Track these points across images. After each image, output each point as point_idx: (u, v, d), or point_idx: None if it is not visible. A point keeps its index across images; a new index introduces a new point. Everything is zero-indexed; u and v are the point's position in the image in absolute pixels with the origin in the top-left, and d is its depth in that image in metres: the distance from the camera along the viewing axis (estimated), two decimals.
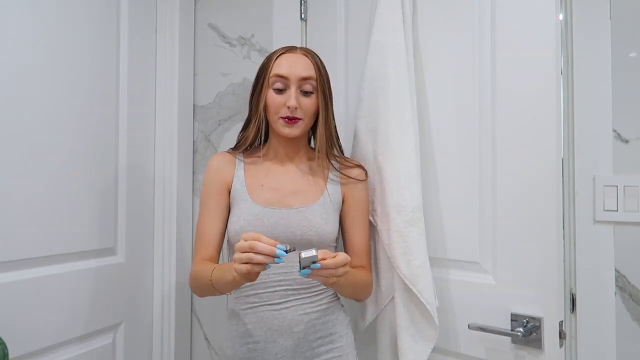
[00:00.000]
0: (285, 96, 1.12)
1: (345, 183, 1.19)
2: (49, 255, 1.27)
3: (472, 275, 1.16)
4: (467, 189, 1.17)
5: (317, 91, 1.14)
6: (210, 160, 1.22)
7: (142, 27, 1.59)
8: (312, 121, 1.17)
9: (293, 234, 1.10)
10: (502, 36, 1.12)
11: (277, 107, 1.12)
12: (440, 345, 1.18)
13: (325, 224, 1.12)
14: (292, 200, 1.14)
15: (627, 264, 1.07)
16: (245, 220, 1.11)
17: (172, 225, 1.63)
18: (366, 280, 1.16)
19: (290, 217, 1.11)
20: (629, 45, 1.08)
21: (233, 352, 1.12)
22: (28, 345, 1.21)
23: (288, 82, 1.12)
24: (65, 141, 1.32)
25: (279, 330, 1.08)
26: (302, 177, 1.18)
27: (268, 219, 1.10)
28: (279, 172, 1.18)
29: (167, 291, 1.63)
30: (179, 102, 1.65)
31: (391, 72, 1.18)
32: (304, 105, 1.13)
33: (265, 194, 1.14)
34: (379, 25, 1.22)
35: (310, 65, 1.14)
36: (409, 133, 1.17)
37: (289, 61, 1.13)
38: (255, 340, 1.10)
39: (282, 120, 1.12)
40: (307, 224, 1.10)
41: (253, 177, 1.17)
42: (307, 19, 1.49)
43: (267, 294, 1.10)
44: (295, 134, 1.14)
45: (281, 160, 1.19)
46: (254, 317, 1.10)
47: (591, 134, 1.11)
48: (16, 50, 1.20)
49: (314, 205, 1.13)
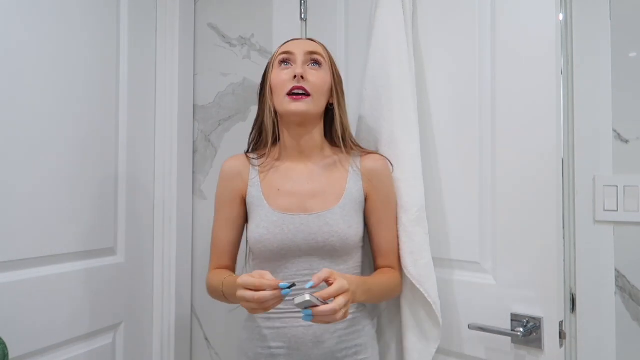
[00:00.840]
0: (291, 70, 1.04)
1: (367, 178, 1.10)
2: (49, 255, 1.27)
3: (472, 275, 1.16)
4: (467, 189, 1.17)
5: (328, 70, 1.08)
6: (222, 166, 1.16)
7: (142, 27, 1.59)
8: (324, 103, 1.08)
9: (315, 242, 1.03)
10: (502, 36, 1.12)
11: (283, 83, 1.04)
12: (441, 345, 1.18)
13: (348, 227, 1.05)
14: (311, 204, 1.06)
15: (627, 264, 1.07)
16: (265, 229, 1.05)
17: (172, 225, 1.63)
18: (391, 283, 1.10)
19: (310, 223, 1.04)
20: (629, 45, 1.08)
21: (255, 354, 1.08)
22: (28, 345, 1.21)
23: (294, 57, 1.05)
24: (65, 141, 1.32)
25: (303, 339, 1.03)
26: (320, 177, 1.09)
27: (288, 226, 1.04)
28: (294, 174, 1.10)
29: (167, 291, 1.63)
30: (179, 102, 1.65)
31: (394, 71, 1.18)
32: (311, 77, 1.04)
33: (283, 199, 1.07)
34: (380, 25, 1.22)
35: (317, 45, 1.10)
36: (414, 133, 1.17)
37: (294, 42, 1.10)
38: (279, 346, 1.05)
39: (288, 97, 1.03)
40: (329, 230, 1.03)
41: (269, 181, 1.10)
42: (307, 19, 1.49)
43: (292, 301, 1.06)
44: (303, 110, 1.03)
45: (296, 160, 1.11)
46: (279, 323, 1.05)
47: (591, 134, 1.11)
48: (16, 50, 1.19)
49: (334, 208, 1.05)
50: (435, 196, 1.22)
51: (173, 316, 1.62)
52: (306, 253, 1.04)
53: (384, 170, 1.11)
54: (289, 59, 1.07)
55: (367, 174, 1.10)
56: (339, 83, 1.10)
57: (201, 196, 1.71)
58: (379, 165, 1.11)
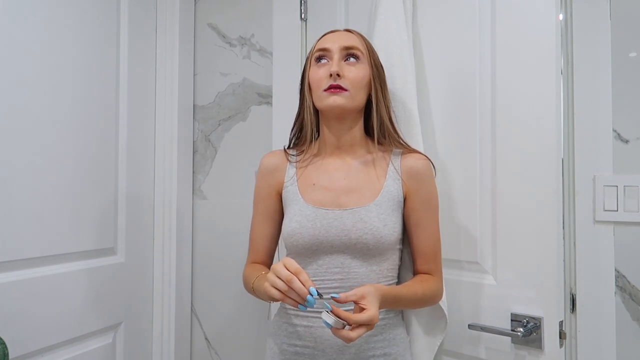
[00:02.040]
0: (327, 67, 1.02)
1: (407, 178, 1.05)
2: (49, 255, 1.27)
3: (472, 275, 1.16)
4: (467, 189, 1.17)
5: (366, 62, 1.04)
6: (261, 161, 1.15)
7: (142, 27, 1.59)
8: (363, 98, 1.05)
9: (348, 238, 1.00)
10: (502, 36, 1.12)
11: (320, 81, 1.02)
12: (441, 345, 1.18)
13: (383, 226, 1.00)
14: (346, 199, 1.03)
15: (627, 264, 1.07)
16: (297, 222, 1.03)
17: (172, 225, 1.63)
18: (425, 291, 1.03)
19: (344, 219, 1.01)
20: (629, 45, 1.08)
21: (280, 350, 1.06)
22: (28, 345, 1.21)
23: (330, 54, 1.03)
24: (65, 141, 1.32)
25: (329, 341, 0.99)
26: (358, 173, 1.06)
27: (320, 220, 1.01)
28: (331, 169, 1.07)
29: (167, 291, 1.63)
30: (179, 102, 1.65)
31: (397, 72, 1.18)
32: (348, 74, 1.02)
33: (317, 193, 1.05)
34: (380, 26, 1.22)
35: (354, 37, 1.06)
36: (415, 133, 1.17)
37: (330, 35, 1.08)
38: (304, 344, 1.02)
39: (325, 92, 1.01)
40: (363, 226, 0.99)
41: (305, 176, 1.08)
42: (307, 19, 1.49)
43: (320, 301, 1.02)
44: (340, 104, 1.00)
45: (335, 155, 1.08)
46: (306, 321, 1.03)
47: (591, 134, 1.11)
48: (16, 51, 1.20)
49: (370, 205, 1.01)
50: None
51: (173, 316, 1.62)
52: (338, 250, 1.01)
53: (425, 170, 1.06)
54: (325, 56, 1.04)
55: (407, 173, 1.05)
56: (377, 75, 1.06)
57: (201, 196, 1.71)
58: (420, 165, 1.06)
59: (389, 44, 1.20)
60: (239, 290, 1.62)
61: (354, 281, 1.00)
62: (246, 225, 1.19)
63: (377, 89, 1.06)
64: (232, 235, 1.63)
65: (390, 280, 1.06)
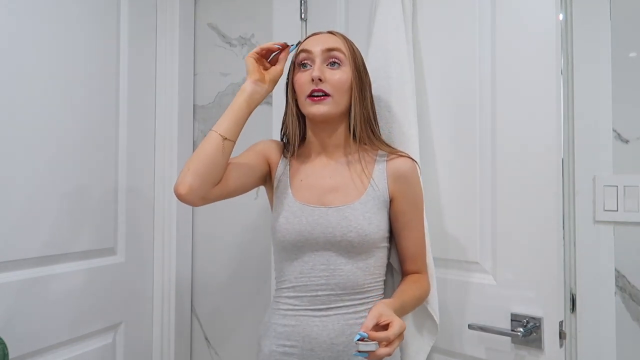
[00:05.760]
0: (309, 72, 1.04)
1: (394, 180, 1.07)
2: (49, 255, 1.27)
3: (472, 275, 1.16)
4: (467, 189, 1.17)
5: (348, 65, 1.05)
6: (271, 139, 1.18)
7: (142, 27, 1.59)
8: (347, 100, 1.06)
9: (332, 235, 1.02)
10: (502, 36, 1.12)
11: (303, 85, 1.04)
12: (441, 345, 1.18)
13: (368, 224, 1.02)
14: (331, 198, 1.05)
15: (627, 264, 1.07)
16: (284, 217, 1.05)
17: (172, 225, 1.63)
18: (421, 291, 1.08)
19: (329, 217, 1.03)
20: (629, 45, 1.08)
21: (269, 351, 1.06)
22: (28, 345, 1.21)
23: (312, 56, 1.04)
24: (65, 141, 1.32)
25: (317, 339, 1.01)
26: (343, 172, 1.08)
27: (306, 217, 1.03)
28: (318, 168, 1.10)
29: (167, 291, 1.63)
30: (179, 102, 1.65)
31: (394, 72, 1.18)
32: (330, 78, 1.03)
33: (304, 190, 1.08)
34: (379, 26, 1.22)
35: (337, 39, 1.07)
36: (413, 134, 1.17)
37: (313, 38, 1.09)
38: (292, 344, 1.03)
39: (309, 99, 1.03)
40: (347, 224, 1.01)
41: (295, 171, 1.11)
42: (307, 19, 1.49)
43: (308, 298, 1.03)
44: (323, 113, 1.03)
45: (321, 155, 1.11)
46: (294, 320, 1.04)
47: (591, 134, 1.11)
48: (16, 51, 1.20)
49: (355, 203, 1.03)
50: (435, 196, 1.22)
51: (173, 316, 1.62)
52: (323, 247, 1.03)
53: (412, 172, 1.08)
54: (307, 59, 1.06)
55: (393, 176, 1.07)
56: (357, 78, 1.06)
57: None
58: (407, 168, 1.07)
59: (387, 43, 1.20)
60: (239, 290, 1.63)
61: (340, 278, 1.01)
62: (246, 225, 1.19)
63: (357, 92, 1.06)
64: (232, 235, 1.63)
65: (378, 277, 1.07)
